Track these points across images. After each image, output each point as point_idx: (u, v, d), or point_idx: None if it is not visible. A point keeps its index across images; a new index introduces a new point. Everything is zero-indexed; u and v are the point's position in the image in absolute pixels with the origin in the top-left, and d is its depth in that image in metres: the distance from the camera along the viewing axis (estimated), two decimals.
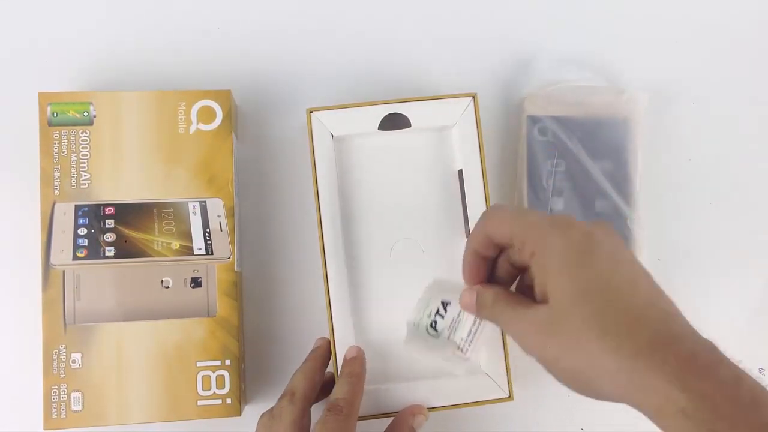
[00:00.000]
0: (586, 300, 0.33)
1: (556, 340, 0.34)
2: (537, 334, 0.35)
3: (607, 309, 0.32)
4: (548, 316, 0.34)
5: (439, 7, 0.57)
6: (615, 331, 0.32)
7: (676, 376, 0.29)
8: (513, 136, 0.56)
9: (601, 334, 0.32)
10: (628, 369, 0.30)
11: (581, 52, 0.57)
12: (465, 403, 0.49)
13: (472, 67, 0.57)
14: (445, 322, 0.43)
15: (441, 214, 0.51)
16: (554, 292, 0.34)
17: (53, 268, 0.48)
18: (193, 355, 0.48)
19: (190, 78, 0.54)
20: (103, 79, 0.54)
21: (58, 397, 0.47)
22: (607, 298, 0.33)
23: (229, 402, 0.48)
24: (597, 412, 0.54)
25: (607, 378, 0.32)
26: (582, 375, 0.33)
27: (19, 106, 0.51)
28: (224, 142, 0.50)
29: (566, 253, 0.34)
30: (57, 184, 0.49)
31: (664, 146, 0.57)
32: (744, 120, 0.59)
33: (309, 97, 0.54)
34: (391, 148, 0.52)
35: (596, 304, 0.33)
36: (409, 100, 0.51)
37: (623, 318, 0.32)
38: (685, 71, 0.59)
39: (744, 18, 0.60)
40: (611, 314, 0.32)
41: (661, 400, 0.29)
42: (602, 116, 0.55)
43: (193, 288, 0.49)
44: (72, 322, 0.48)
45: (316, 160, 0.50)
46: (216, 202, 0.50)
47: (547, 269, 0.35)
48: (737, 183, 0.57)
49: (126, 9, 0.55)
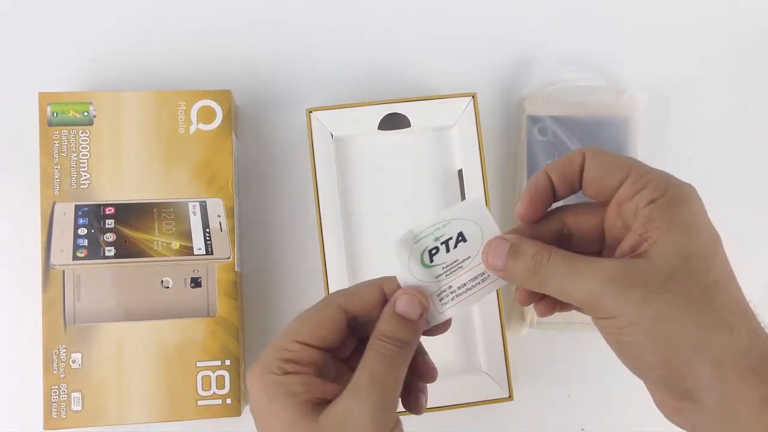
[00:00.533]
0: (708, 268, 0.29)
1: (663, 299, 0.28)
2: (628, 288, 0.29)
3: (726, 287, 0.29)
4: (652, 268, 0.29)
5: (439, 7, 0.57)
6: (728, 316, 0.29)
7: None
8: (513, 136, 0.56)
9: (719, 308, 0.28)
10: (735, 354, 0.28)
11: (581, 52, 0.57)
12: (465, 403, 0.49)
13: (472, 67, 0.57)
14: (447, 258, 0.34)
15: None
16: (672, 247, 0.29)
17: (53, 268, 0.48)
18: (193, 355, 0.48)
19: (190, 78, 0.54)
20: (103, 79, 0.54)
21: (58, 397, 0.47)
22: (723, 279, 0.30)
23: (229, 402, 0.48)
24: (597, 412, 0.54)
25: (705, 357, 0.28)
26: (679, 347, 0.28)
27: (19, 106, 0.51)
28: (224, 142, 0.50)
29: (700, 212, 0.30)
30: (57, 184, 0.49)
31: (664, 146, 0.57)
32: (744, 120, 0.59)
33: (309, 97, 0.54)
34: (391, 148, 0.52)
35: (716, 276, 0.29)
36: (409, 100, 0.51)
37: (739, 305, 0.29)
38: (685, 71, 0.59)
39: (744, 18, 0.60)
40: (726, 293, 0.29)
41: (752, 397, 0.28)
42: (602, 116, 0.55)
43: (193, 288, 0.49)
44: (72, 322, 0.48)
45: (316, 160, 0.50)
46: (216, 202, 0.50)
47: (671, 221, 0.30)
48: (737, 183, 0.57)
49: (126, 9, 0.55)
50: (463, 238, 0.34)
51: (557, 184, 0.33)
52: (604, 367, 0.34)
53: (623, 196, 0.31)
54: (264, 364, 0.32)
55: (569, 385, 0.54)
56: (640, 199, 0.30)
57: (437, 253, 0.34)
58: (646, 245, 0.30)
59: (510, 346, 0.50)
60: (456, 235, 0.34)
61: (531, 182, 0.34)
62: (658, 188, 0.30)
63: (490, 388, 0.49)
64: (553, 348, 0.54)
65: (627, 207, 0.31)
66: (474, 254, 0.34)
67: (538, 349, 0.54)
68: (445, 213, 0.34)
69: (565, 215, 0.34)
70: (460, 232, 0.34)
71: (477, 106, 0.51)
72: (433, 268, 0.34)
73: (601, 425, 0.54)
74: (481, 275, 0.34)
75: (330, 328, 0.33)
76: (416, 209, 0.51)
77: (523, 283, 0.32)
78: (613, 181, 0.32)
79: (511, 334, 0.52)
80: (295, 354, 0.32)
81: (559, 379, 0.54)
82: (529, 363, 0.53)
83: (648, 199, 0.30)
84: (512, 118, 0.56)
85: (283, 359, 0.32)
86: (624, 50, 0.58)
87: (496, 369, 0.49)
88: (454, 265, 0.34)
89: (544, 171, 0.33)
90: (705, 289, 0.29)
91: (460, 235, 0.34)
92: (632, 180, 0.31)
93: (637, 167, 0.31)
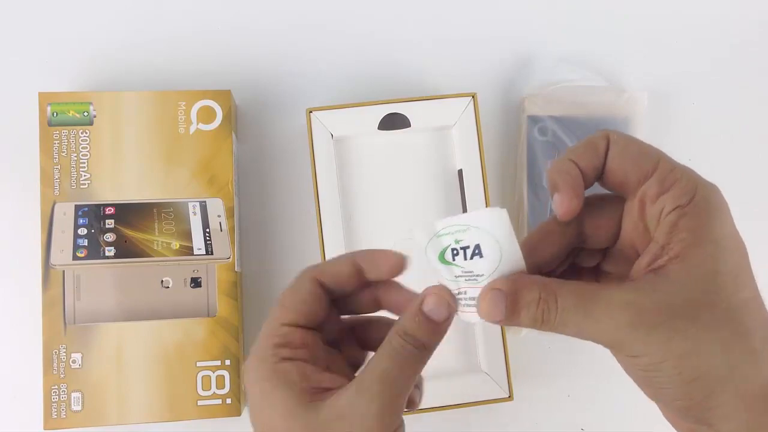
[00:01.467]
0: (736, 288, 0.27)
1: (690, 335, 0.26)
2: (652, 330, 0.26)
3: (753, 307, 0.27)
4: (676, 296, 0.26)
5: (439, 7, 0.57)
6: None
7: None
8: (513, 136, 0.56)
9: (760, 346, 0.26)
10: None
11: (581, 52, 0.57)
12: (465, 403, 0.49)
13: (472, 67, 0.57)
14: (465, 264, 0.30)
15: (441, 214, 0.51)
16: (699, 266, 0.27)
17: (53, 268, 0.48)
18: (193, 355, 0.48)
19: (190, 78, 0.54)
20: (103, 79, 0.54)
21: (58, 397, 0.47)
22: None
23: (229, 402, 0.48)
24: (597, 412, 0.54)
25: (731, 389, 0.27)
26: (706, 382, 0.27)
27: (19, 106, 0.51)
28: (224, 142, 0.50)
29: (729, 222, 0.28)
30: (57, 184, 0.49)
31: (664, 146, 0.57)
32: (744, 120, 0.59)
33: (309, 97, 0.54)
34: (391, 148, 0.52)
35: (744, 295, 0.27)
36: (409, 100, 0.51)
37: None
38: (685, 71, 0.59)
39: (744, 19, 0.60)
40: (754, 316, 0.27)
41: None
42: (602, 116, 0.55)
43: (193, 288, 0.49)
44: (72, 322, 0.48)
45: (316, 160, 0.50)
46: (216, 202, 0.50)
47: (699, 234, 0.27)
48: (737, 183, 0.57)
49: (126, 9, 0.55)
50: (480, 253, 0.30)
51: (586, 172, 0.30)
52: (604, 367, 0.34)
53: (648, 193, 0.29)
54: (258, 355, 0.31)
55: (569, 385, 0.54)
56: (667, 202, 0.28)
57: (458, 255, 0.30)
58: (668, 259, 0.27)
59: (510, 346, 0.50)
60: (473, 247, 0.30)
61: (562, 173, 0.30)
62: (685, 191, 0.28)
63: (490, 388, 0.49)
64: (553, 348, 0.54)
65: (651, 209, 0.29)
66: (487, 275, 0.30)
67: (538, 349, 0.54)
68: (465, 217, 0.30)
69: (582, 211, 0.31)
70: (477, 245, 0.30)
71: (477, 106, 0.51)
72: (452, 266, 0.31)
73: (601, 425, 0.54)
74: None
75: (310, 303, 0.32)
76: (416, 209, 0.51)
77: (534, 329, 0.29)
78: (638, 173, 0.29)
79: (511, 334, 0.52)
80: (285, 338, 0.31)
81: (559, 379, 0.54)
82: (529, 363, 0.53)
83: (674, 204, 0.28)
84: (512, 118, 0.56)
85: (275, 345, 0.31)
86: (624, 50, 0.58)
87: (496, 369, 0.49)
88: (471, 275, 0.30)
89: (570, 159, 0.30)
90: (733, 312, 0.27)
91: (477, 248, 0.30)
92: (659, 176, 0.28)
93: (665, 161, 0.29)
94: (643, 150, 0.29)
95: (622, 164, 0.29)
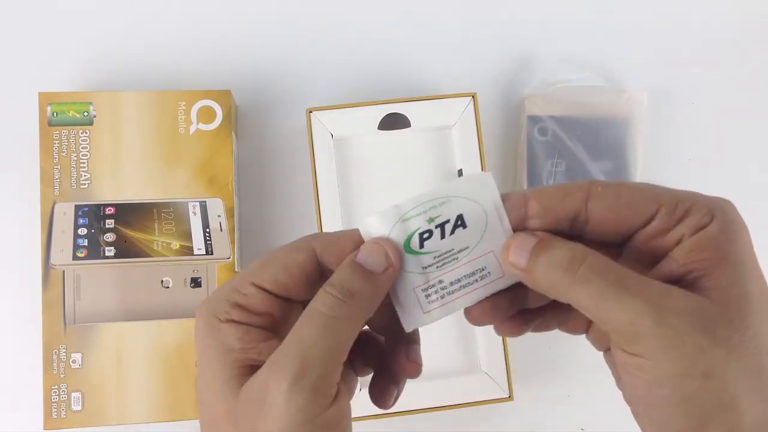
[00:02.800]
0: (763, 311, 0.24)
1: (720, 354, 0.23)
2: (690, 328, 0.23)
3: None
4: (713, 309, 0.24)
5: (439, 7, 0.57)
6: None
7: None
8: (513, 136, 0.56)
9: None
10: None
11: (581, 52, 0.57)
12: (465, 403, 0.49)
13: (472, 67, 0.57)
14: (441, 245, 0.27)
15: None
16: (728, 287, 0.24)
17: (53, 268, 0.48)
18: (193, 355, 0.48)
19: (190, 78, 0.54)
20: (103, 79, 0.54)
21: (58, 397, 0.47)
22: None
23: None
24: (597, 412, 0.54)
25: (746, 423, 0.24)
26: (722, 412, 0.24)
27: (19, 106, 0.51)
28: (224, 142, 0.50)
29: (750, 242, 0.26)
30: (57, 184, 0.49)
31: (664, 146, 0.57)
32: (744, 120, 0.59)
33: (309, 97, 0.54)
34: (391, 148, 0.52)
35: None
36: (409, 100, 0.51)
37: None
38: (685, 71, 0.58)
39: (744, 19, 0.60)
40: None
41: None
42: (602, 116, 0.55)
43: (193, 288, 0.49)
44: (72, 322, 0.48)
45: (316, 160, 0.50)
46: (216, 202, 0.50)
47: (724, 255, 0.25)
48: (737, 183, 0.57)
49: (126, 9, 0.55)
50: (463, 223, 0.26)
51: (557, 224, 0.27)
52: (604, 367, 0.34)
53: (656, 230, 0.26)
54: (210, 305, 0.27)
55: (569, 385, 0.54)
56: (685, 229, 0.25)
57: (429, 238, 0.27)
58: (693, 276, 0.25)
59: (510, 346, 0.50)
60: (455, 218, 0.27)
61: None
62: (703, 214, 0.25)
63: (490, 388, 0.49)
64: (553, 348, 0.54)
65: (664, 239, 0.26)
66: (473, 245, 0.27)
67: (538, 349, 0.54)
68: (446, 187, 0.26)
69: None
70: (459, 215, 0.26)
71: (477, 106, 0.51)
72: (420, 256, 0.27)
73: (601, 425, 0.54)
74: (479, 271, 0.27)
75: (294, 275, 0.27)
76: None
77: (543, 287, 0.26)
78: (637, 219, 0.26)
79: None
80: (247, 299, 0.27)
81: (559, 379, 0.54)
82: (529, 363, 0.53)
83: (695, 227, 0.25)
84: (512, 118, 0.56)
85: (231, 302, 0.26)
86: (624, 50, 0.58)
87: (496, 369, 0.49)
88: (447, 256, 0.27)
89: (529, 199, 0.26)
90: (761, 339, 0.24)
91: (459, 219, 0.26)
92: (667, 212, 0.26)
93: (667, 196, 0.26)
94: (638, 194, 0.26)
95: (612, 215, 0.26)
